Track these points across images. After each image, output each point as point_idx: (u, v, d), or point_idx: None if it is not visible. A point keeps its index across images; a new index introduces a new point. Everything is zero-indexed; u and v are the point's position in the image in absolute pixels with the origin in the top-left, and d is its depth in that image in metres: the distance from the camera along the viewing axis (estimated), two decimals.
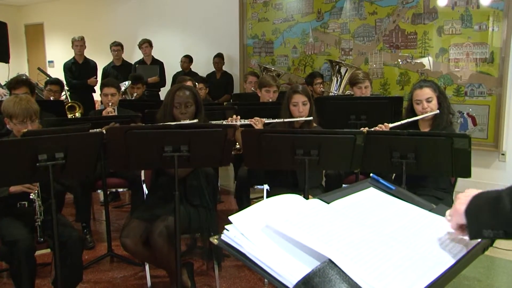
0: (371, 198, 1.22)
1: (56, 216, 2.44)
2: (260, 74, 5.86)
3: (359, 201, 1.19)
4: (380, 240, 0.98)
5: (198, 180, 2.87)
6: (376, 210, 1.15)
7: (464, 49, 4.93)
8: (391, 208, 1.17)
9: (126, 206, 4.86)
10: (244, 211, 1.07)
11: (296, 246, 0.94)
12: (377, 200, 1.22)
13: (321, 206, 1.11)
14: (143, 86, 5.57)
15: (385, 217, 1.10)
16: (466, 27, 4.90)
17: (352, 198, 1.20)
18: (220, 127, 2.56)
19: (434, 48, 5.15)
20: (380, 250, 0.94)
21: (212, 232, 2.77)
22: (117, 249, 3.46)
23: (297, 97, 3.13)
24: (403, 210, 1.17)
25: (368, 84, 4.03)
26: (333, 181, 3.65)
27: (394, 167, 2.65)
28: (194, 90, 2.98)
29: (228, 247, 1.00)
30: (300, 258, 0.92)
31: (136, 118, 3.56)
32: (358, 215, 1.09)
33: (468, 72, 4.93)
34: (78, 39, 6.46)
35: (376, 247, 0.95)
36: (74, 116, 4.92)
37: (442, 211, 1.17)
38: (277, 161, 2.69)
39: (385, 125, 3.05)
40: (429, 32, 5.17)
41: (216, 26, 7.35)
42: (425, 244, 1.02)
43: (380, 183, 1.34)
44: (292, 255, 0.93)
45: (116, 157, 2.49)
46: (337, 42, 6.01)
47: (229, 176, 5.59)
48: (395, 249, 0.96)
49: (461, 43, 4.94)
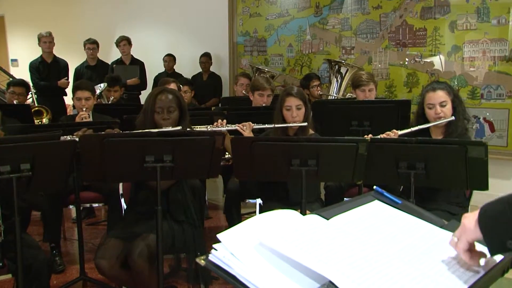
0: (375, 213, 1.23)
1: (20, 236, 2.41)
2: (252, 76, 5.88)
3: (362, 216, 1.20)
4: (385, 261, 0.98)
5: (183, 194, 2.86)
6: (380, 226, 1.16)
7: (480, 46, 4.98)
8: (397, 224, 1.18)
9: (101, 223, 4.83)
10: (234, 228, 1.08)
11: (292, 266, 0.95)
12: (382, 215, 1.23)
13: (319, 222, 1.12)
14: (121, 89, 5.57)
15: (391, 234, 1.11)
16: (482, 21, 4.94)
17: (354, 213, 1.21)
18: (207, 134, 2.57)
19: (446, 45, 5.20)
20: (385, 272, 0.95)
21: (198, 252, 2.76)
22: (91, 272, 3.43)
23: (291, 100, 3.15)
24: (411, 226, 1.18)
25: (373, 87, 4.06)
26: (333, 194, 3.66)
27: (401, 178, 2.66)
28: (177, 94, 2.99)
29: (217, 268, 1.00)
30: (297, 279, 0.93)
31: (113, 125, 3.55)
32: (360, 232, 1.10)
33: (484, 72, 4.97)
34: (46, 35, 6.45)
35: (380, 268, 0.95)
36: (42, 122, 4.90)
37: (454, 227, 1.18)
38: (271, 172, 2.70)
39: (394, 131, 3.06)
40: (440, 28, 5.23)
41: (203, 22, 7.38)
42: (435, 265, 1.02)
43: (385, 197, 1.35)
44: (288, 277, 0.94)
45: (91, 168, 2.48)
46: (338, 39, 6.06)
47: (217, 189, 5.59)
48: (402, 270, 0.97)
49: (476, 39, 4.98)
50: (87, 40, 6.70)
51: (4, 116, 2.84)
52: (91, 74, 6.55)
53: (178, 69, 7.16)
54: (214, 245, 1.02)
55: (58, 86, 6.38)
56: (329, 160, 2.58)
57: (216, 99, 6.80)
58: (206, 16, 7.33)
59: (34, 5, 9.69)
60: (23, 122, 4.01)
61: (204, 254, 1.06)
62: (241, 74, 5.82)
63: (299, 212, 2.06)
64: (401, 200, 1.33)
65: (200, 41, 7.38)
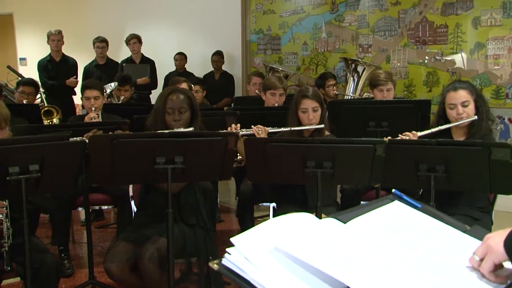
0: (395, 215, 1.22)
1: (28, 239, 2.43)
2: (266, 75, 5.89)
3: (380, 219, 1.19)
4: (405, 266, 0.98)
5: (194, 196, 2.88)
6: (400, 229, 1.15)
7: (505, 43, 4.93)
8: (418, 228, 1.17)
9: (111, 226, 4.86)
10: (248, 231, 1.08)
11: (309, 271, 0.94)
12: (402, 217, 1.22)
13: (336, 226, 1.11)
14: (131, 88, 5.60)
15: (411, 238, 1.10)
16: (508, 16, 4.89)
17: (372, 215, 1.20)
18: (220, 135, 2.57)
19: (469, 43, 5.16)
20: (406, 278, 0.94)
21: (210, 256, 2.77)
22: (100, 276, 3.45)
23: (307, 102, 3.14)
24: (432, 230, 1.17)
25: (391, 86, 4.04)
26: (349, 197, 3.65)
27: (421, 181, 2.64)
28: (189, 94, 3.00)
29: (230, 273, 1.00)
30: (314, 285, 0.92)
31: (123, 125, 3.58)
32: (379, 235, 1.09)
33: (509, 71, 4.92)
34: (55, 33, 6.49)
35: (400, 274, 0.95)
36: (51, 123, 4.94)
37: (477, 233, 1.17)
38: (285, 175, 2.70)
39: (413, 133, 3.04)
40: (462, 24, 5.19)
41: (215, 20, 7.40)
42: (459, 272, 1.01)
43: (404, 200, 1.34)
44: (304, 282, 0.93)
45: (100, 170, 2.51)
46: (354, 37, 6.04)
47: (230, 192, 5.60)
48: (423, 277, 0.96)
49: (501, 36, 4.93)
50: (96, 38, 6.74)
51: (12, 116, 2.86)
52: (100, 73, 6.58)
53: (189, 68, 7.18)
54: (227, 249, 1.02)
55: (67, 85, 6.42)
56: (346, 162, 2.57)
57: (228, 99, 6.81)
58: (218, 13, 7.34)
59: (43, 3, 9.77)
60: (32, 122, 4.05)
61: (216, 258, 1.06)
62: (254, 73, 5.82)
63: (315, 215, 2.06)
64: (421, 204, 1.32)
65: (212, 39, 7.39)
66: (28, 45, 10.09)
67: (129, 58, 6.99)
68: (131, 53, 6.97)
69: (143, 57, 7.00)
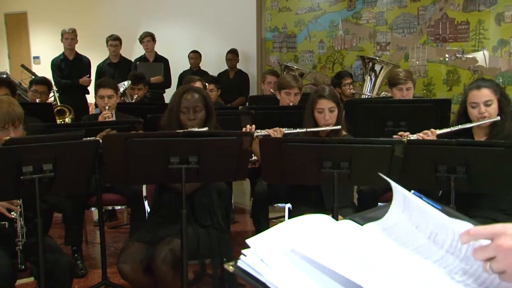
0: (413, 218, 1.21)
1: (42, 238, 2.47)
2: (281, 74, 5.89)
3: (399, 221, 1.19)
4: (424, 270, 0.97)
5: (208, 197, 2.89)
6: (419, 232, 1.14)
7: None
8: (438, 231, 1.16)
9: (124, 226, 4.89)
10: (263, 233, 1.08)
11: (325, 274, 0.95)
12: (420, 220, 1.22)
13: (354, 228, 1.11)
14: (144, 87, 5.63)
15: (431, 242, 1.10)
16: None
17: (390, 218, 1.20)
18: (235, 135, 2.58)
19: (491, 40, 5.10)
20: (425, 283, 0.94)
21: (224, 258, 2.78)
22: (113, 277, 3.48)
23: (323, 102, 3.14)
24: None
25: (411, 85, 4.01)
26: (366, 198, 3.63)
27: (440, 183, 2.62)
28: (204, 93, 3.01)
29: (246, 275, 1.00)
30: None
31: (137, 124, 3.60)
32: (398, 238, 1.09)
33: None
34: (69, 31, 6.55)
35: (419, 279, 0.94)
36: (64, 122, 4.99)
37: None
38: (300, 175, 2.70)
39: (432, 130, 3.02)
40: (485, 21, 5.13)
41: (230, 17, 7.41)
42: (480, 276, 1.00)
43: None
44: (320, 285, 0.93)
45: (114, 170, 2.53)
46: (372, 35, 6.02)
47: (244, 192, 5.61)
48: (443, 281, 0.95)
49: None
50: (110, 36, 6.79)
51: (26, 115, 2.89)
52: (113, 72, 6.63)
53: (203, 67, 7.20)
54: (243, 251, 1.02)
55: (80, 84, 6.47)
56: (363, 162, 2.56)
57: (243, 98, 6.82)
58: (233, 10, 7.35)
59: (57, 2, 9.90)
60: (45, 121, 4.09)
61: (230, 260, 1.06)
62: (269, 71, 5.83)
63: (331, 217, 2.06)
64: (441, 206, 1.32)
65: (227, 37, 7.41)
66: (42, 44, 10.22)
67: (142, 56, 7.03)
68: (145, 51, 7.01)
69: (157, 55, 7.03)
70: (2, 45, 11.27)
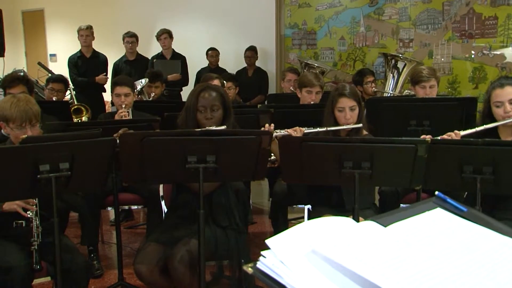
0: (438, 222, 1.20)
1: (58, 237, 2.49)
2: (301, 71, 5.88)
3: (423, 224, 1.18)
4: (449, 275, 0.97)
5: (226, 197, 2.90)
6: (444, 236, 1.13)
7: None
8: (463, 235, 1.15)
9: (140, 226, 4.93)
10: (283, 234, 1.08)
11: (347, 276, 0.94)
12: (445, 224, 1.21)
13: (376, 229, 1.10)
14: (161, 85, 5.66)
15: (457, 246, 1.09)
16: None
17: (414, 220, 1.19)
18: (253, 134, 2.58)
19: None
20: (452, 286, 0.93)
21: (242, 259, 2.78)
22: (130, 278, 3.51)
23: (344, 101, 3.13)
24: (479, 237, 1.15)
25: (434, 83, 3.98)
26: (388, 200, 3.62)
27: (466, 184, 2.59)
28: (221, 91, 3.02)
29: (265, 277, 1.00)
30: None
31: (154, 123, 3.63)
32: (422, 241, 1.08)
33: None
34: (85, 28, 6.60)
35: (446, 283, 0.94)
36: (81, 120, 5.05)
37: None
38: (320, 175, 2.69)
39: (456, 132, 2.99)
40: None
41: (248, 14, 7.42)
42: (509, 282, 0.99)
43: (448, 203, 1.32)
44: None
45: (131, 169, 2.55)
46: (395, 31, 5.97)
47: (262, 193, 5.61)
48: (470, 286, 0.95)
49: None
50: (126, 33, 6.83)
51: (42, 113, 2.93)
52: (130, 69, 6.67)
53: (221, 64, 7.22)
54: (262, 252, 1.02)
55: (96, 82, 6.52)
56: (385, 162, 2.55)
57: (262, 96, 6.82)
58: (252, 7, 7.36)
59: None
60: (61, 120, 4.14)
61: (248, 261, 1.06)
62: (289, 69, 5.82)
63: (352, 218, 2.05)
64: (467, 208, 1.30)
65: (245, 34, 7.42)
66: (58, 41, 10.33)
67: (159, 53, 7.06)
68: (162, 48, 7.04)
69: (174, 52, 7.06)
70: (19, 42, 11.41)
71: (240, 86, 5.83)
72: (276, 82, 7.07)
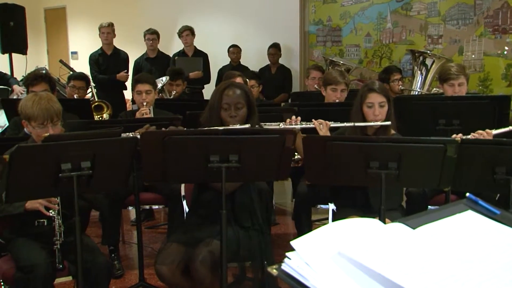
0: (470, 224, 1.19)
1: (80, 237, 2.53)
2: (326, 69, 5.85)
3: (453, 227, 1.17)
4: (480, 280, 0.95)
5: (249, 197, 2.90)
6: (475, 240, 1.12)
7: None
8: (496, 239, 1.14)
9: (161, 226, 4.97)
10: (308, 235, 1.08)
11: (374, 279, 0.94)
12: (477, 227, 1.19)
13: (405, 232, 1.10)
14: (183, 83, 5.69)
15: (488, 250, 1.07)
16: None
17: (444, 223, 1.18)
18: (277, 132, 2.58)
19: None
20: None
21: (265, 261, 2.78)
22: (151, 279, 3.54)
23: (373, 96, 3.11)
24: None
25: (463, 80, 3.92)
26: (416, 201, 3.58)
27: (498, 185, 2.56)
28: (246, 89, 3.02)
29: (290, 279, 1.00)
30: None
31: (175, 121, 3.65)
32: (453, 245, 1.07)
33: None
34: (106, 25, 6.66)
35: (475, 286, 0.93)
36: (101, 118, 5.10)
37: None
38: (346, 176, 2.68)
39: (487, 131, 2.95)
40: None
41: (271, 10, 7.42)
42: None
43: (480, 206, 1.30)
44: None
45: (152, 168, 2.57)
46: (423, 27, 5.91)
47: (286, 193, 5.61)
48: None
49: None
50: (147, 30, 6.87)
51: (64, 111, 2.97)
52: (151, 67, 6.72)
53: (244, 62, 7.22)
54: (287, 253, 1.02)
55: (117, 80, 6.58)
56: (413, 163, 2.53)
57: (285, 94, 6.81)
58: (275, 3, 7.35)
59: None
60: (82, 117, 4.19)
61: (271, 263, 1.06)
62: (313, 66, 5.79)
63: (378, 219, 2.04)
64: (500, 210, 1.29)
65: (268, 30, 7.41)
66: (80, 39, 10.48)
67: (181, 51, 7.10)
68: (184, 45, 7.07)
69: (196, 50, 7.08)
70: (41, 40, 11.60)
71: (263, 84, 5.80)
72: (300, 80, 7.06)
